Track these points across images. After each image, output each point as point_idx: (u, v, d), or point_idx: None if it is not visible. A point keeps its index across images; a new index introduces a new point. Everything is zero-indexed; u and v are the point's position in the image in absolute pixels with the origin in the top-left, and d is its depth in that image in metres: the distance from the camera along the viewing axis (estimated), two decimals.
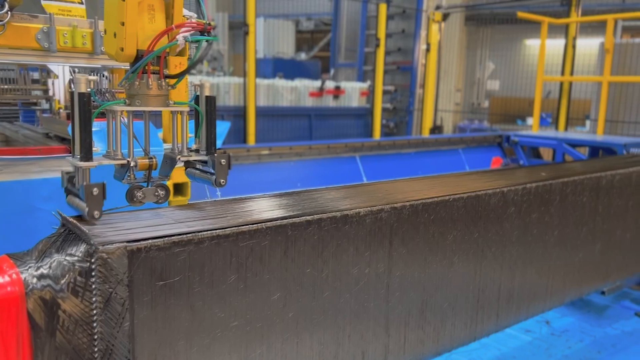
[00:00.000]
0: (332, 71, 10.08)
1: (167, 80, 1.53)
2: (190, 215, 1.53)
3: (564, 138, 5.24)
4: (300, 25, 14.94)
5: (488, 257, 2.17)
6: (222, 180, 1.61)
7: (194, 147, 1.65)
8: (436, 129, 8.28)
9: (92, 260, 1.18)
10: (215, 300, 1.39)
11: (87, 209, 1.36)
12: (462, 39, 12.11)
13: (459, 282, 2.09)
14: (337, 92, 7.80)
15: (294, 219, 1.53)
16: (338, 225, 1.65)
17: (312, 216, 1.57)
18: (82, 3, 2.23)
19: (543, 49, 6.14)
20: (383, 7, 7.21)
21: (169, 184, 1.55)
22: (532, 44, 11.58)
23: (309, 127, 7.19)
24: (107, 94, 1.87)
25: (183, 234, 1.32)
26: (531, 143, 5.44)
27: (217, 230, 1.37)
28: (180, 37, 1.50)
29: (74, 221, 1.32)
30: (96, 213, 1.37)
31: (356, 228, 1.70)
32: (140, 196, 1.48)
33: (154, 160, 1.53)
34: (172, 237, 1.29)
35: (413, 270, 1.91)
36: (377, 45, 7.21)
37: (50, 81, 2.69)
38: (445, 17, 7.56)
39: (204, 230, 1.35)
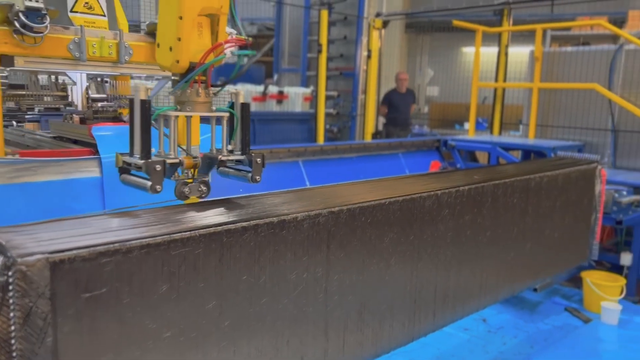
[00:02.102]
0: (275, 76, 10.06)
1: (210, 88, 1.73)
2: (120, 223, 1.48)
3: (498, 142, 5.45)
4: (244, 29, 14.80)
5: (424, 259, 2.22)
6: (257, 177, 1.83)
7: (229, 147, 1.83)
8: (378, 134, 8.41)
9: (10, 273, 1.12)
10: (145, 311, 1.35)
11: (150, 183, 1.58)
12: (403, 46, 12.41)
13: (396, 284, 2.13)
14: (280, 97, 7.79)
15: (229, 226, 1.51)
16: (275, 231, 1.64)
17: (248, 222, 1.56)
18: (104, 15, 2.41)
19: (478, 57, 6.38)
20: (324, 14, 7.27)
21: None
22: (468, 51, 12.01)
23: (252, 131, 7.13)
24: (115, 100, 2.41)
25: (110, 243, 1.27)
26: (467, 147, 5.63)
27: (147, 239, 1.33)
28: (227, 51, 1.74)
29: None
30: (158, 187, 1.59)
31: (294, 233, 1.70)
32: (187, 191, 1.69)
33: (198, 159, 1.73)
34: (98, 247, 1.25)
35: (351, 273, 1.93)
36: (320, 51, 7.26)
37: (69, 87, 2.87)
38: (385, 24, 7.71)
39: (133, 239, 1.31)
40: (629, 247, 4.50)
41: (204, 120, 1.86)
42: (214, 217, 1.59)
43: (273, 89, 7.84)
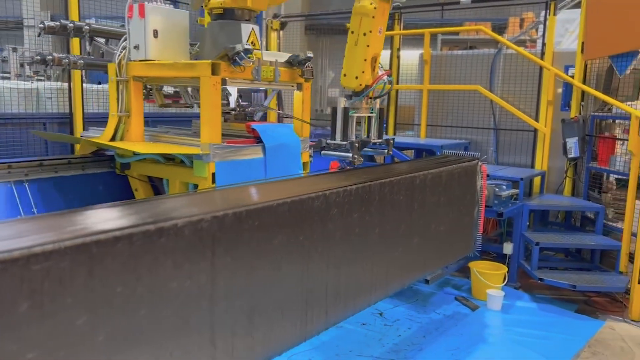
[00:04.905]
0: None
1: (369, 99, 3.21)
2: None
3: None
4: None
5: (314, 258, 2.24)
6: (390, 152, 3.43)
7: (372, 135, 3.29)
8: None
9: None
10: (4, 332, 1.24)
11: (351, 154, 3.05)
12: (303, 48, 12.49)
13: (286, 285, 2.13)
14: (176, 99, 7.54)
15: (98, 236, 1.42)
16: (152, 239, 1.57)
17: (121, 231, 1.48)
18: (259, 49, 3.52)
19: None
20: None
21: None
22: None
23: None
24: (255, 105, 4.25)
25: None
26: None
27: (1, 254, 1.22)
28: (385, 78, 3.16)
29: None
30: (356, 156, 3.06)
31: (174, 240, 1.64)
32: (355, 160, 3.07)
33: (359, 142, 3.11)
34: None
35: (239, 278, 1.90)
36: None
37: (229, 97, 4.15)
38: (283, 25, 7.72)
39: None
40: (510, 237, 4.87)
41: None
42: (84, 227, 1.50)
43: (168, 89, 7.55)
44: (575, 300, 4.47)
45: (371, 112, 3.21)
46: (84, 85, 5.23)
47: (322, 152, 3.18)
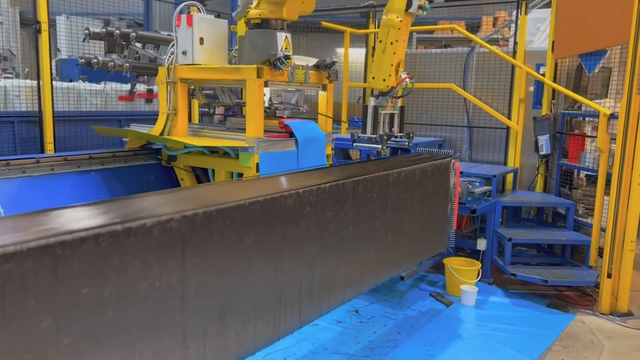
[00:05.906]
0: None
1: (394, 98, 3.78)
2: None
3: None
4: (112, 25, 13.95)
5: (287, 257, 2.23)
6: (410, 145, 3.93)
7: (394, 129, 3.84)
8: None
9: None
10: None
11: (380, 146, 3.64)
12: None
13: (259, 284, 2.12)
14: (149, 96, 7.41)
15: (63, 237, 1.39)
16: (120, 239, 1.55)
17: (86, 232, 1.45)
18: (292, 54, 3.84)
19: (347, 57, 6.59)
20: (194, 11, 7.06)
21: None
22: (342, 52, 12.36)
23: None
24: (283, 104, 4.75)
25: None
26: (339, 145, 5.79)
27: None
28: (407, 81, 3.68)
29: None
30: (385, 148, 3.68)
31: (142, 240, 1.62)
32: (382, 151, 3.65)
33: (386, 135, 3.67)
34: None
35: (210, 277, 1.88)
36: None
37: (264, 96, 4.30)
38: None
39: None
40: (484, 234, 4.93)
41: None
42: (49, 227, 1.46)
43: (141, 87, 7.43)
44: (547, 294, 4.55)
45: (394, 110, 3.79)
46: (55, 83, 5.13)
47: (354, 144, 3.74)
